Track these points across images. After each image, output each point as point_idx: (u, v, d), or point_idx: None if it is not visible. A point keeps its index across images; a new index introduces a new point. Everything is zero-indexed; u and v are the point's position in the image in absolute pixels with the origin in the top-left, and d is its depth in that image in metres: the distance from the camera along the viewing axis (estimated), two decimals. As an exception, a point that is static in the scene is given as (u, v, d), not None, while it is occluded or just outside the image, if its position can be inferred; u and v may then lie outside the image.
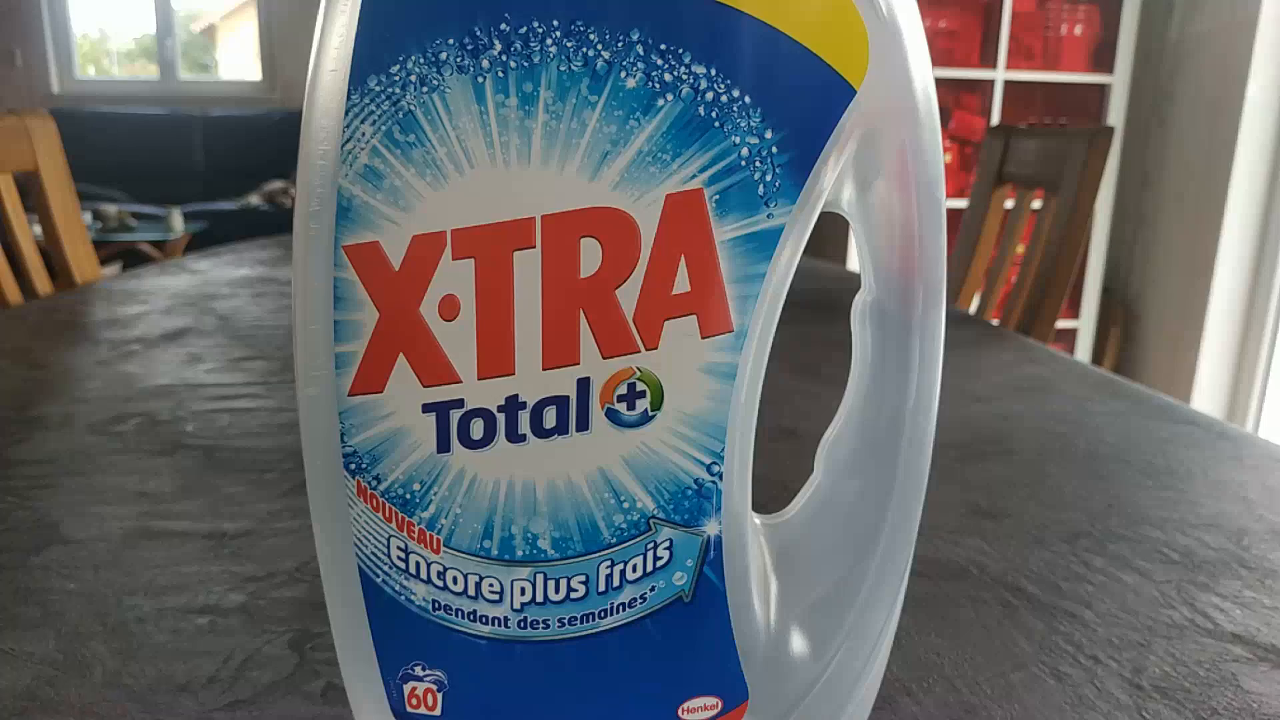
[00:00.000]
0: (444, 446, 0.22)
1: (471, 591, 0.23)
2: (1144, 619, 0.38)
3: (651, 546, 0.23)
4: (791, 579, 0.26)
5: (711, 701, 0.25)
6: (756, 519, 0.25)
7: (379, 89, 0.20)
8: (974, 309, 1.20)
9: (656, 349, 0.21)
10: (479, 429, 0.22)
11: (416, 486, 0.22)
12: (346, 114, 0.20)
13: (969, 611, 0.38)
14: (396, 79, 0.20)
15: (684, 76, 0.20)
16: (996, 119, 2.62)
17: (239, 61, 4.95)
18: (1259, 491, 0.51)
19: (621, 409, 0.22)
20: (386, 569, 0.23)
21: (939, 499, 0.48)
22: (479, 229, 0.20)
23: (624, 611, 0.23)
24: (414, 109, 0.20)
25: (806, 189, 0.21)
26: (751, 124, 0.20)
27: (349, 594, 0.24)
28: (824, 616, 0.26)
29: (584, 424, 0.22)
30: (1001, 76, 2.60)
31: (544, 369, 0.21)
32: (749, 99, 0.20)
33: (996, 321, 1.14)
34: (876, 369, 0.24)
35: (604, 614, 0.23)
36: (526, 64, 0.20)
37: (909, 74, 0.22)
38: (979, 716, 0.31)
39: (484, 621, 0.23)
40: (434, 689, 0.24)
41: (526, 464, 0.22)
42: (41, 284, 1.06)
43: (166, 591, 0.39)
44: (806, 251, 0.23)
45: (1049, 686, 0.33)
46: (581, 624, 0.23)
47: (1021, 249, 1.17)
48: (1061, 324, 2.62)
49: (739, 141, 0.20)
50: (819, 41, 0.20)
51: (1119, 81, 2.63)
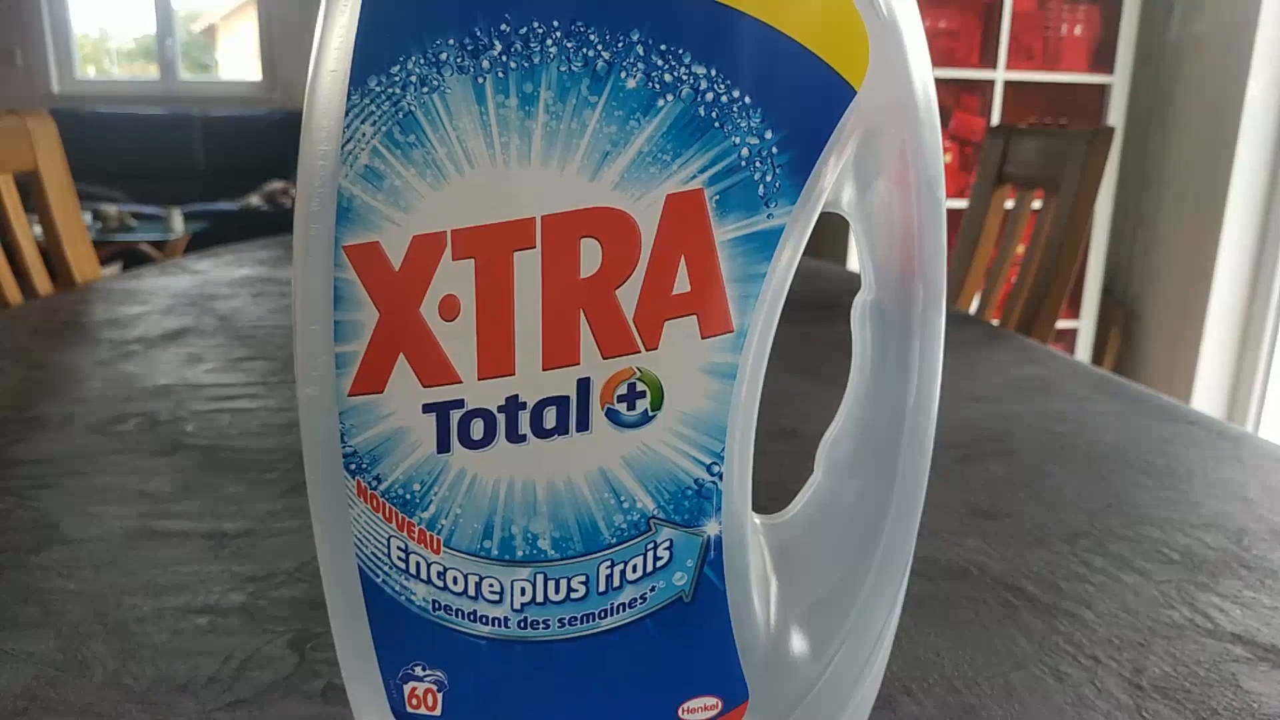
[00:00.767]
0: (444, 446, 0.22)
1: (471, 592, 0.23)
2: (1144, 619, 0.38)
3: (651, 546, 0.23)
4: (791, 579, 0.26)
5: (711, 701, 0.25)
6: (756, 519, 0.25)
7: (379, 89, 0.20)
8: (974, 309, 1.20)
9: (656, 349, 0.21)
10: (479, 429, 0.22)
11: (416, 486, 0.22)
12: (347, 114, 0.20)
13: (969, 611, 0.38)
14: (397, 79, 0.20)
15: (684, 77, 0.20)
16: (996, 119, 2.62)
17: (239, 61, 4.95)
18: (1259, 491, 0.51)
19: (621, 409, 0.22)
20: (386, 569, 0.23)
21: (939, 499, 0.48)
22: (479, 229, 0.20)
23: (624, 611, 0.23)
24: (414, 109, 0.20)
25: (806, 189, 0.21)
26: (751, 124, 0.20)
27: (349, 594, 0.24)
28: (824, 616, 0.26)
29: (584, 424, 0.22)
30: (1001, 76, 2.60)
31: (544, 369, 0.21)
32: (749, 99, 0.20)
33: (996, 321, 1.14)
34: (876, 369, 0.24)
35: (604, 614, 0.23)
36: (527, 64, 0.20)
37: (909, 74, 0.22)
38: (979, 716, 0.31)
39: (484, 621, 0.23)
40: (434, 689, 0.24)
41: (526, 464, 0.22)
42: (41, 284, 1.06)
43: (166, 591, 0.39)
44: (806, 251, 0.23)
45: (1049, 686, 0.33)
46: (581, 624, 0.23)
47: (1021, 249, 1.17)
48: (1061, 324, 2.62)
49: (739, 142, 0.20)
50: (819, 41, 0.20)
51: (1119, 81, 2.63)
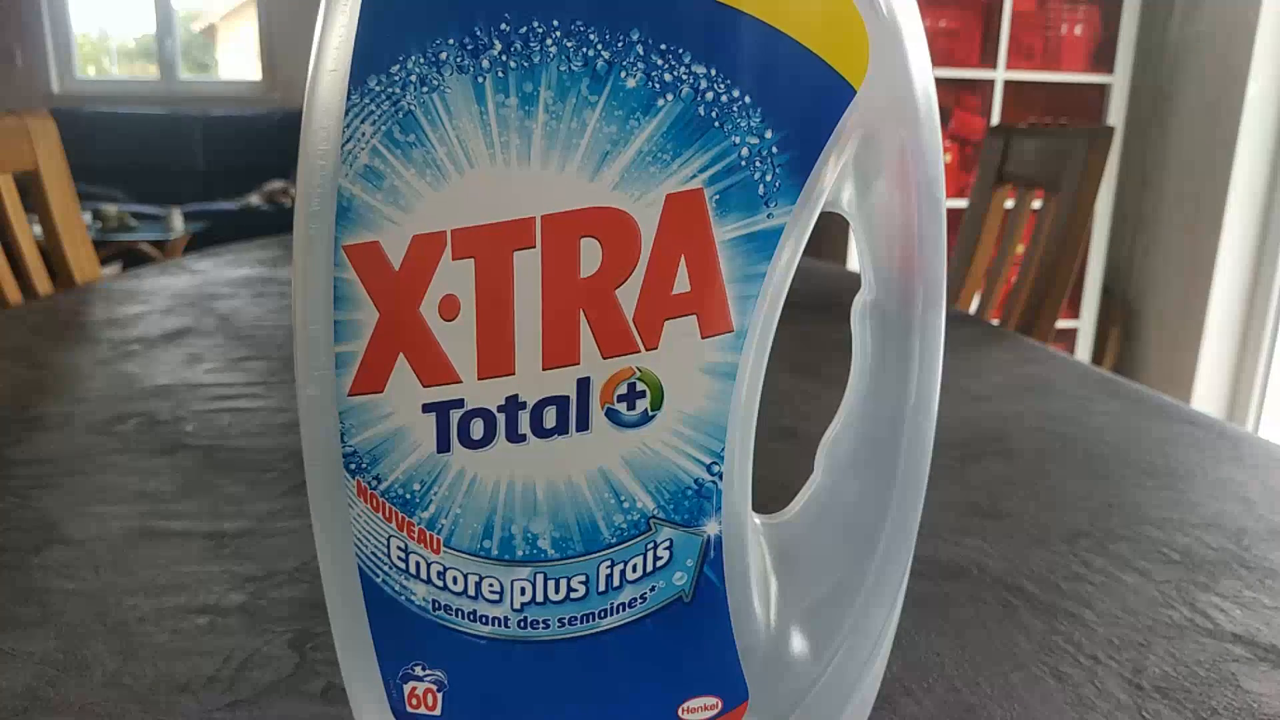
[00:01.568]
0: (444, 446, 0.22)
1: (471, 591, 0.23)
2: (1144, 619, 0.38)
3: (651, 546, 0.23)
4: (791, 579, 0.26)
5: (711, 701, 0.25)
6: (756, 519, 0.25)
7: (379, 89, 0.20)
8: (974, 309, 1.20)
9: (656, 349, 0.21)
10: (479, 429, 0.22)
11: (416, 486, 0.22)
12: (346, 114, 0.20)
13: (969, 611, 0.38)
14: (396, 79, 0.20)
15: (684, 76, 0.20)
16: (996, 119, 2.62)
17: (239, 61, 4.95)
18: (1259, 491, 0.51)
19: (621, 409, 0.22)
20: (386, 569, 0.23)
21: (939, 499, 0.48)
22: (479, 229, 0.20)
23: (624, 611, 0.23)
24: (414, 109, 0.20)
25: (806, 189, 0.21)
26: (751, 124, 0.20)
27: (349, 594, 0.24)
28: (824, 616, 0.26)
29: (584, 424, 0.22)
30: (1001, 76, 2.60)
31: (544, 369, 0.21)
32: (749, 99, 0.20)
33: (996, 321, 1.13)
34: (876, 369, 0.24)
35: (604, 614, 0.23)
36: (526, 64, 0.20)
37: (909, 74, 0.22)
38: (979, 716, 0.31)
39: (484, 621, 0.23)
40: (434, 689, 0.24)
41: (526, 464, 0.22)
42: (41, 284, 1.06)
43: (166, 591, 0.39)
44: (806, 251, 0.23)
45: (1049, 686, 0.33)
46: (581, 624, 0.23)
47: (1021, 249, 1.17)
48: (1061, 324, 2.62)
49: (739, 141, 0.20)
50: (819, 41, 0.20)
51: (1119, 81, 2.63)
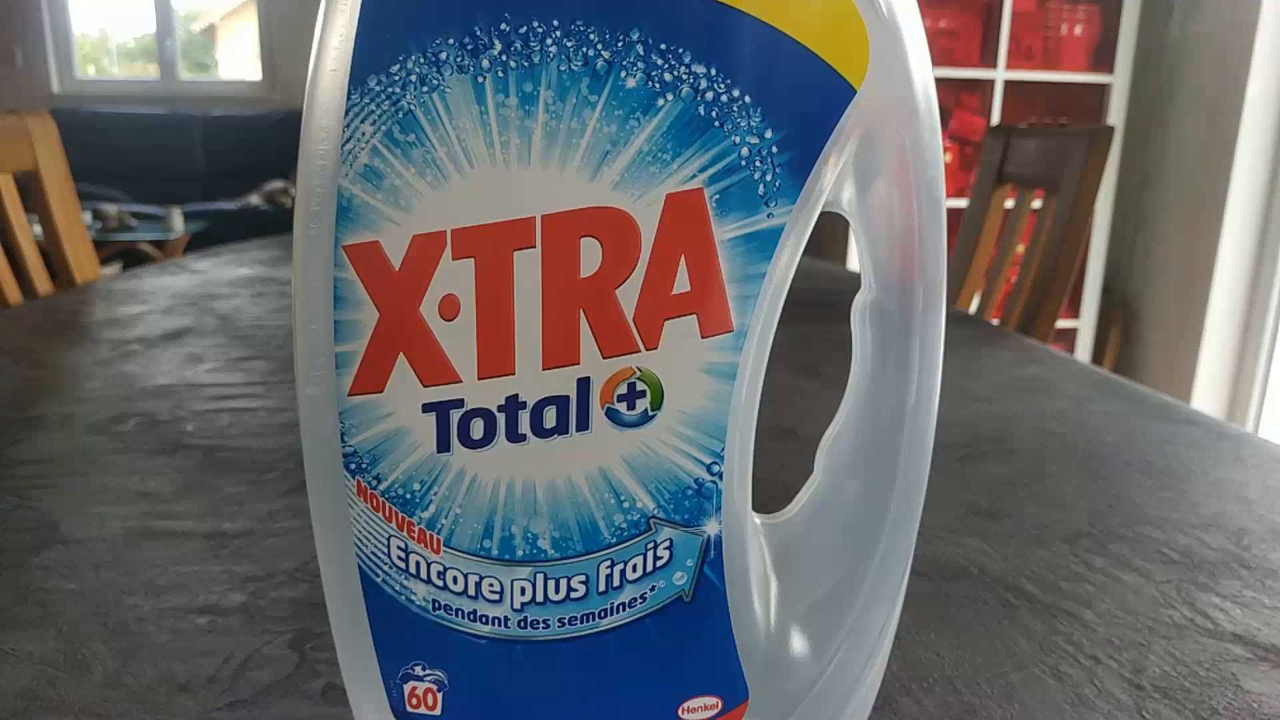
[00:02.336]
0: (444, 446, 0.22)
1: (471, 591, 0.23)
2: (1144, 619, 0.38)
3: (651, 546, 0.23)
4: (791, 579, 0.26)
5: (711, 701, 0.25)
6: (756, 519, 0.25)
7: (379, 89, 0.20)
8: (974, 309, 1.20)
9: (656, 349, 0.21)
10: (479, 429, 0.22)
11: (416, 486, 0.22)
12: (346, 114, 0.20)
13: (969, 611, 0.38)
14: (396, 79, 0.20)
15: (684, 76, 0.20)
16: (996, 119, 2.62)
17: (239, 61, 4.95)
18: (1259, 491, 0.51)
19: (621, 409, 0.22)
20: (386, 569, 0.23)
21: (939, 499, 0.48)
22: (479, 229, 0.20)
23: (624, 611, 0.23)
24: (414, 109, 0.20)
25: (806, 189, 0.21)
26: (751, 124, 0.20)
27: (349, 594, 0.24)
28: (824, 616, 0.26)
29: (584, 424, 0.22)
30: (1001, 76, 2.60)
31: (544, 369, 0.21)
32: (749, 99, 0.20)
33: (996, 321, 1.13)
34: (876, 369, 0.24)
35: (604, 614, 0.23)
36: (526, 64, 0.20)
37: (909, 74, 0.22)
38: (979, 716, 0.31)
39: (484, 621, 0.23)
40: (434, 689, 0.24)
41: (526, 464, 0.22)
42: (41, 284, 1.06)
43: (166, 591, 0.39)
44: (806, 251, 0.23)
45: (1049, 686, 0.33)
46: (581, 624, 0.23)
47: (1021, 249, 1.17)
48: (1061, 324, 2.62)
49: (739, 141, 0.20)
50: (819, 41, 0.20)
51: (1119, 81, 2.63)
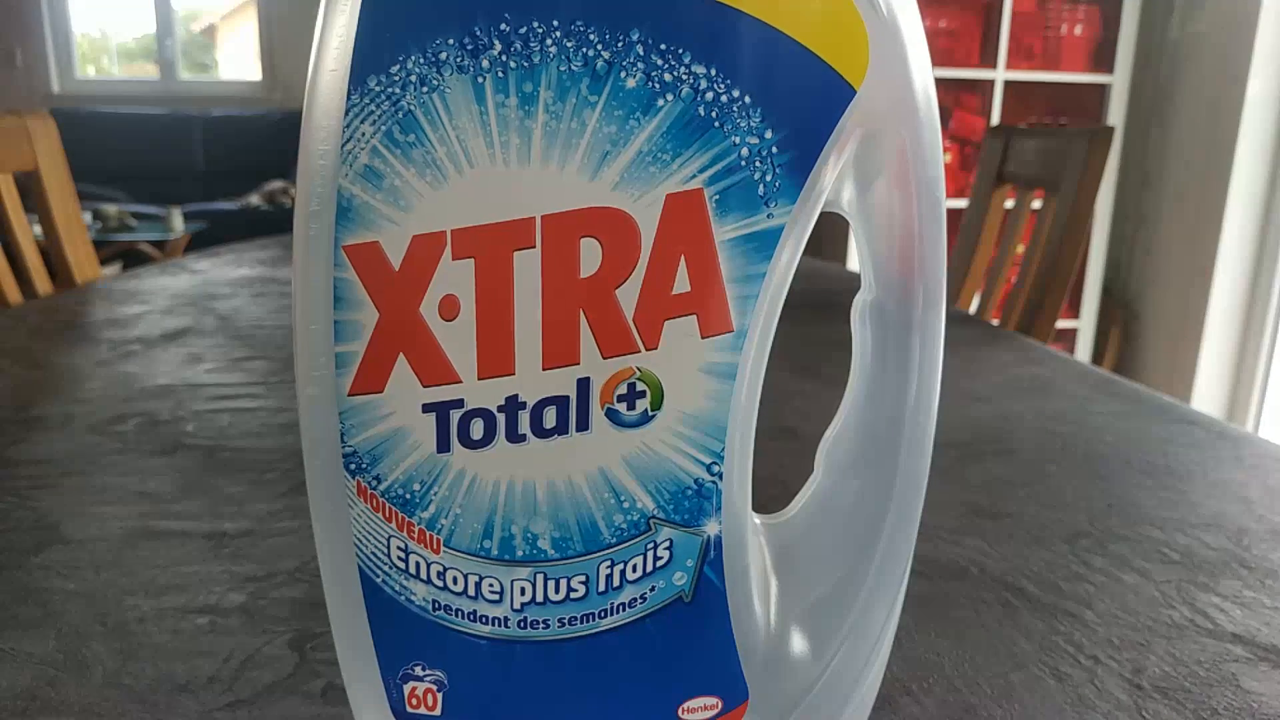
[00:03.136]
0: (444, 446, 0.22)
1: (471, 591, 0.23)
2: (1144, 619, 0.38)
3: (651, 546, 0.23)
4: (791, 579, 0.26)
5: (711, 701, 0.25)
6: (756, 519, 0.25)
7: (379, 89, 0.20)
8: (974, 309, 1.20)
9: (656, 349, 0.21)
10: (479, 429, 0.22)
11: (416, 486, 0.22)
12: (346, 114, 0.20)
13: (969, 611, 0.38)
14: (396, 79, 0.20)
15: (684, 76, 0.20)
16: (996, 119, 2.62)
17: (239, 61, 4.95)
18: (1259, 491, 0.51)
19: (621, 409, 0.22)
20: (386, 569, 0.23)
21: (939, 499, 0.48)
22: (479, 229, 0.20)
23: (624, 611, 0.23)
24: (414, 109, 0.20)
25: (806, 189, 0.21)
26: (751, 124, 0.20)
27: (349, 594, 0.24)
28: (824, 616, 0.26)
29: (584, 424, 0.22)
30: (1001, 76, 2.60)
31: (544, 369, 0.21)
32: (749, 99, 0.20)
33: (996, 321, 1.13)
34: (876, 369, 0.24)
35: (604, 614, 0.23)
36: (526, 64, 0.20)
37: (909, 74, 0.22)
38: (979, 716, 0.31)
39: (484, 621, 0.23)
40: (434, 689, 0.24)
41: (526, 464, 0.22)
42: (41, 284, 1.06)
43: (166, 591, 0.39)
44: (806, 251, 0.23)
45: (1049, 686, 0.33)
46: (581, 624, 0.23)
47: (1021, 249, 1.17)
48: (1061, 324, 2.62)
49: (739, 141, 0.20)
50: (819, 41, 0.20)
51: (1119, 81, 2.63)
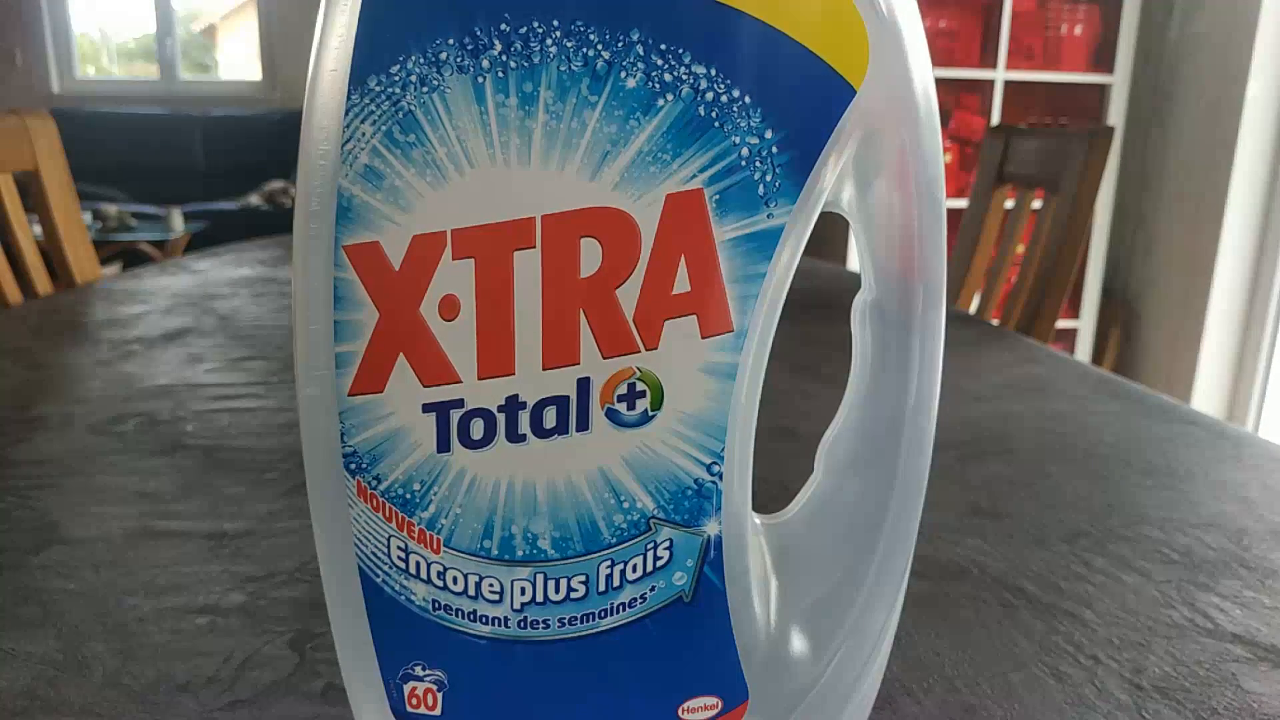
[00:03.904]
0: (444, 446, 0.22)
1: (471, 591, 0.23)
2: (1144, 619, 0.38)
3: (651, 546, 0.23)
4: (791, 579, 0.26)
5: (711, 701, 0.25)
6: (756, 519, 0.25)
7: (379, 89, 0.20)
8: (974, 309, 1.20)
9: (656, 349, 0.21)
10: (479, 429, 0.22)
11: (416, 486, 0.22)
12: (346, 114, 0.20)
13: (969, 611, 0.38)
14: (396, 79, 0.20)
15: (684, 76, 0.20)
16: (996, 119, 2.62)
17: (239, 61, 4.95)
18: (1259, 491, 0.51)
19: (621, 409, 0.22)
20: (386, 569, 0.23)
21: (939, 499, 0.48)
22: (479, 229, 0.20)
23: (624, 611, 0.23)
24: (414, 109, 0.20)
25: (806, 189, 0.21)
26: (751, 124, 0.20)
27: (349, 594, 0.24)
28: (824, 616, 0.26)
29: (584, 424, 0.22)
30: (1001, 76, 2.60)
31: (544, 369, 0.21)
32: (749, 99, 0.20)
33: (996, 321, 1.13)
34: (876, 369, 0.24)
35: (604, 614, 0.23)
36: (526, 64, 0.20)
37: (909, 74, 0.22)
38: (979, 716, 0.31)
39: (484, 621, 0.23)
40: (434, 689, 0.24)
41: (526, 464, 0.22)
42: (41, 284, 1.06)
43: (166, 591, 0.39)
44: (806, 251, 0.23)
45: (1049, 686, 0.33)
46: (581, 624, 0.23)
47: (1021, 249, 1.17)
48: (1061, 324, 2.62)
49: (739, 141, 0.20)
50: (819, 41, 0.20)
51: (1119, 81, 2.63)
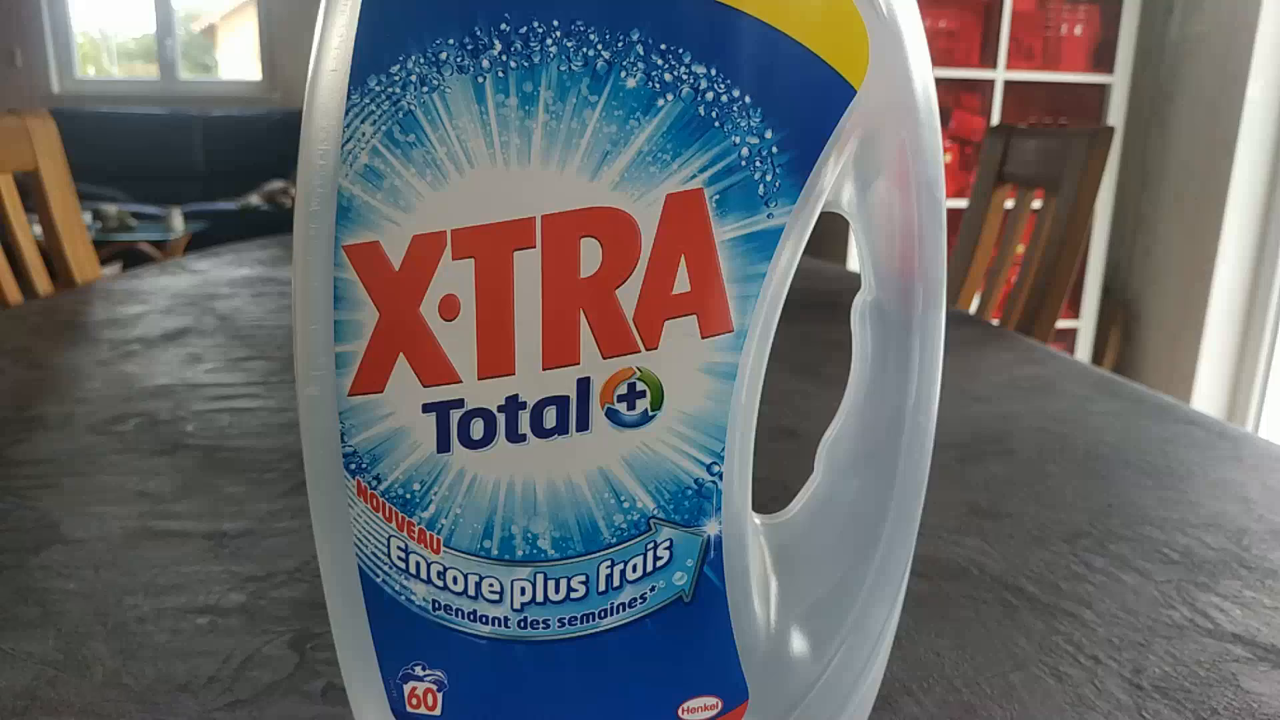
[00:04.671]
0: (444, 446, 0.22)
1: (471, 591, 0.23)
2: (1144, 619, 0.38)
3: (651, 546, 0.23)
4: (791, 579, 0.26)
5: (711, 701, 0.25)
6: (756, 519, 0.25)
7: (379, 89, 0.20)
8: (974, 309, 1.20)
9: (656, 349, 0.21)
10: (479, 429, 0.22)
11: (416, 486, 0.22)
12: (346, 114, 0.20)
13: (969, 611, 0.38)
14: (396, 79, 0.20)
15: (684, 76, 0.20)
16: (996, 119, 2.62)
17: (239, 61, 4.95)
18: (1259, 491, 0.51)
19: (621, 409, 0.22)
20: (386, 569, 0.23)
21: (939, 499, 0.48)
22: (479, 229, 0.20)
23: (624, 611, 0.23)
24: (414, 109, 0.20)
25: (806, 189, 0.21)
26: (751, 124, 0.20)
27: (349, 594, 0.24)
28: (824, 616, 0.26)
29: (584, 424, 0.22)
30: (1001, 76, 2.60)
31: (544, 369, 0.21)
32: (749, 99, 0.20)
33: (996, 321, 1.13)
34: (876, 369, 0.24)
35: (604, 614, 0.23)
36: (527, 64, 0.20)
37: (909, 74, 0.22)
38: (979, 716, 0.31)
39: (484, 621, 0.23)
40: (434, 689, 0.24)
41: (526, 464, 0.22)
42: (41, 284, 1.06)
43: (166, 591, 0.39)
44: (806, 251, 0.23)
45: (1049, 686, 0.33)
46: (581, 624, 0.23)
47: (1021, 249, 1.17)
48: (1061, 324, 2.62)
49: (739, 141, 0.20)
50: (819, 41, 0.20)
51: (1119, 81, 2.63)
